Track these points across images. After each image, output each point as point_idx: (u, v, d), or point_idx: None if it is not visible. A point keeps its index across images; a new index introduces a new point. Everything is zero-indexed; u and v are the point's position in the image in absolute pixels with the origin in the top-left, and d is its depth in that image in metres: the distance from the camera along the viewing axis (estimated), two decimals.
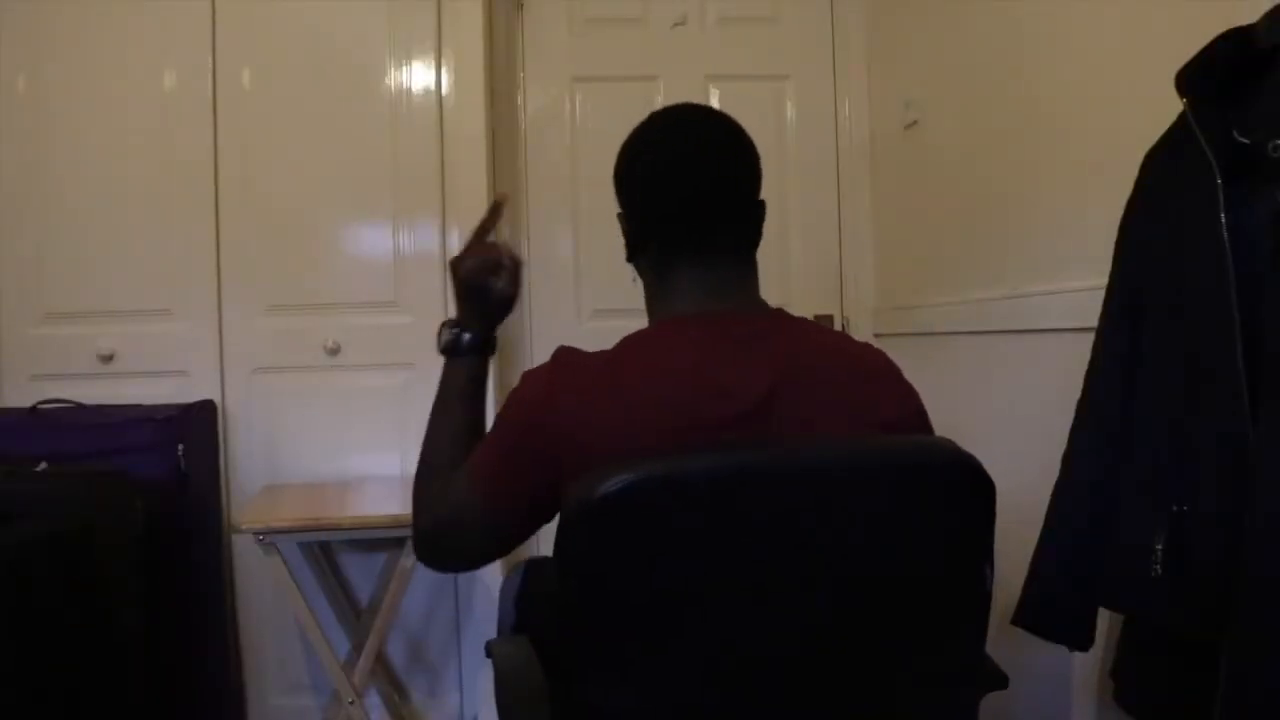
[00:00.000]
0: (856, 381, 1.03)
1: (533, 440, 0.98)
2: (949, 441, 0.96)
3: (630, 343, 1.03)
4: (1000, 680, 1.07)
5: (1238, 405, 1.00)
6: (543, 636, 1.11)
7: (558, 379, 1.00)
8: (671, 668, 0.89)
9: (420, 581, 2.32)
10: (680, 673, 0.89)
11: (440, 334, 1.20)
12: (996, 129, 1.98)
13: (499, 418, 1.04)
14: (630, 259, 1.12)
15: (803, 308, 1.13)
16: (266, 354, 2.36)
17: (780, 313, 1.08)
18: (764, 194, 1.10)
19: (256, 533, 1.90)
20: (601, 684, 0.90)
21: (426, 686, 2.44)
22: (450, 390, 1.17)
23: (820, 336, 1.11)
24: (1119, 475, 1.20)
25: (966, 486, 0.94)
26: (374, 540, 2.26)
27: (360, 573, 2.41)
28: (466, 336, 1.18)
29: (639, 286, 1.13)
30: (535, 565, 1.32)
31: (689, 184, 1.05)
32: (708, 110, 1.12)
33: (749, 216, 1.09)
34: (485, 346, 1.20)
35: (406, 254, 2.40)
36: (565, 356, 1.03)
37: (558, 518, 0.91)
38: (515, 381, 1.05)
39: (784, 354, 1.00)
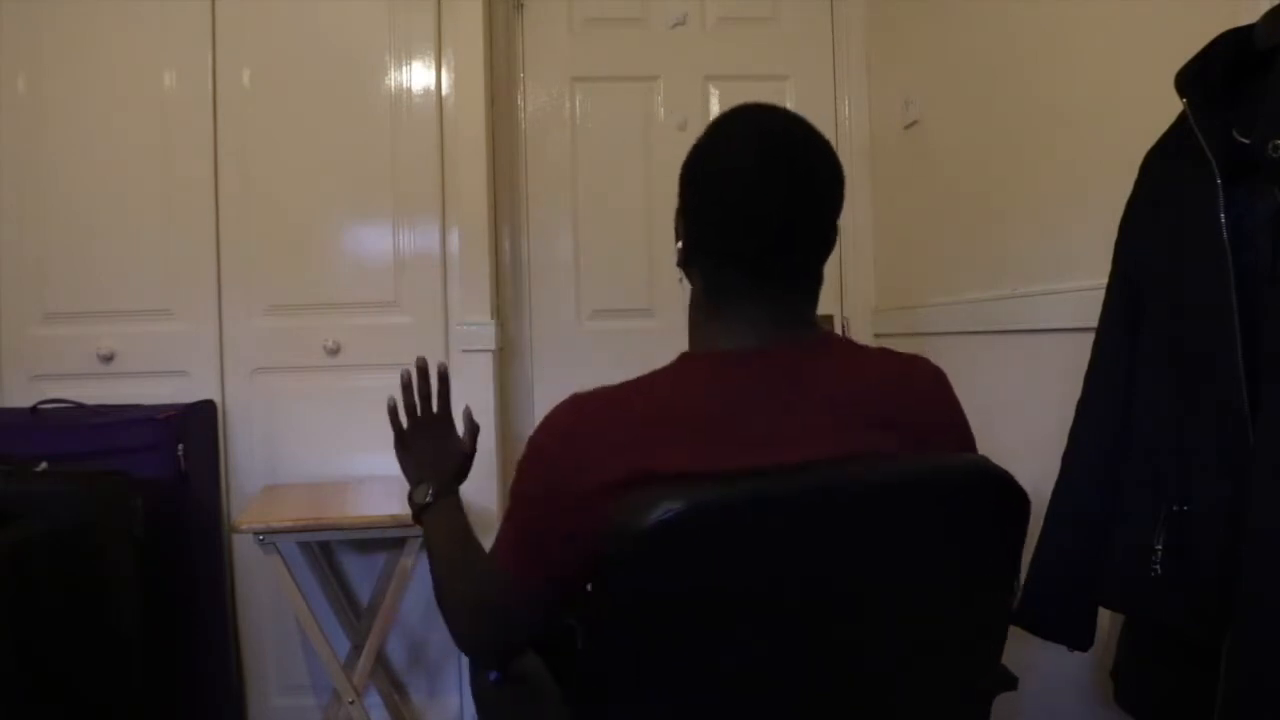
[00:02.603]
0: (904, 413, 0.98)
1: (547, 512, 0.93)
2: (985, 460, 0.96)
3: (658, 388, 0.96)
4: (1010, 681, 1.08)
5: (1238, 405, 1.00)
6: (558, 659, 1.10)
7: (569, 450, 0.93)
8: (711, 687, 0.89)
9: (420, 581, 2.31)
10: (720, 690, 0.89)
11: (410, 503, 1.23)
12: (996, 129, 1.98)
13: (512, 492, 0.99)
14: (682, 264, 1.04)
15: None
16: (266, 354, 2.36)
17: (828, 343, 1.03)
18: None
19: (256, 533, 1.90)
20: (638, 706, 0.89)
21: (426, 686, 2.44)
22: (438, 538, 1.16)
23: (867, 366, 1.03)
24: (1119, 475, 1.20)
25: (1005, 503, 0.94)
26: (374, 540, 2.27)
27: (360, 573, 2.41)
28: (431, 490, 1.20)
29: (685, 288, 1.06)
30: None
31: (774, 209, 0.94)
32: (799, 122, 0.99)
33: (825, 245, 0.99)
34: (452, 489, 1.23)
35: (406, 254, 2.41)
36: (575, 420, 0.95)
37: (600, 547, 0.87)
38: (517, 381, 1.04)
39: (830, 396, 0.95)
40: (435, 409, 1.29)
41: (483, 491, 2.26)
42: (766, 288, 0.97)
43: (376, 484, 2.32)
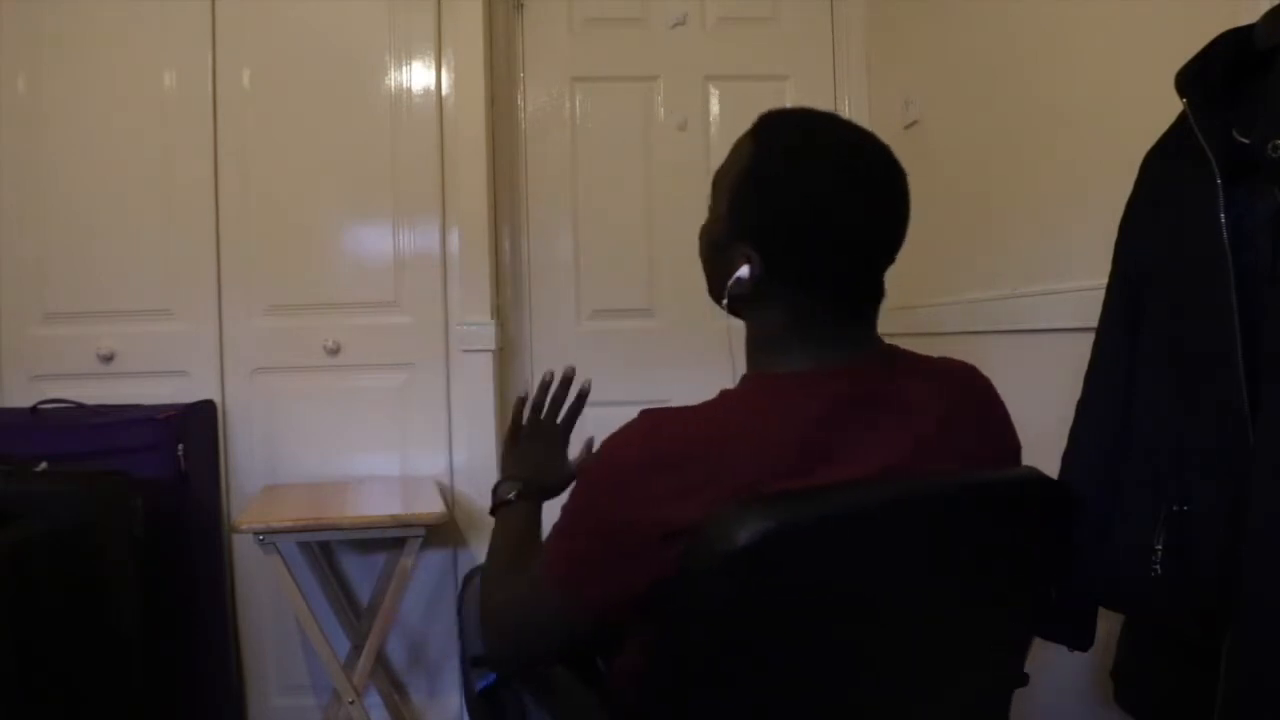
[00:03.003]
0: (970, 428, 1.02)
1: (620, 543, 0.90)
2: (1039, 472, 1.01)
3: (734, 408, 0.95)
4: (1022, 679, 1.11)
5: (1238, 405, 1.00)
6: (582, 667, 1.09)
7: (650, 481, 0.89)
8: (776, 693, 0.90)
9: (420, 581, 2.32)
10: (784, 696, 0.90)
11: (494, 495, 1.24)
12: (997, 128, 1.98)
13: (577, 510, 0.95)
14: (745, 300, 0.98)
15: None
16: (266, 354, 2.36)
17: (899, 357, 1.04)
18: None
19: (256, 533, 1.90)
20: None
21: (426, 686, 2.44)
22: (501, 538, 1.17)
23: (931, 381, 1.04)
24: (1119, 475, 1.20)
25: (1058, 512, 1.01)
26: (374, 540, 2.27)
27: (360, 573, 2.41)
28: (516, 491, 1.21)
29: (730, 328, 1.04)
30: None
31: (874, 237, 0.95)
32: (882, 143, 0.99)
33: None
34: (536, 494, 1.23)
35: (406, 254, 2.41)
36: (658, 448, 0.90)
37: (680, 568, 0.85)
38: (517, 381, 1.04)
39: (909, 412, 0.97)
40: (559, 419, 1.28)
41: (486, 495, 2.26)
42: (846, 307, 0.98)
43: (376, 484, 2.32)
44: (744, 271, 0.96)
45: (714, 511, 0.84)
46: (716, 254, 1.00)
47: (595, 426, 2.89)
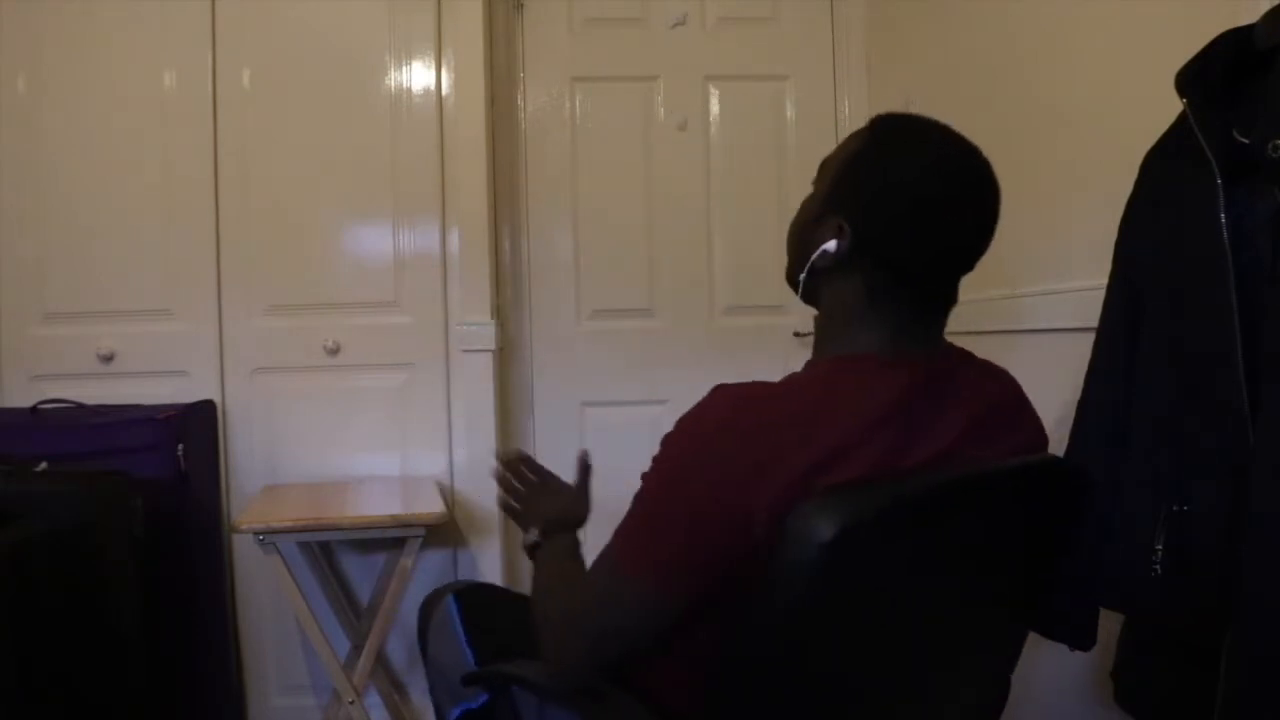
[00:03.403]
0: (1012, 427, 1.08)
1: (691, 520, 0.89)
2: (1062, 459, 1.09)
3: (806, 388, 0.96)
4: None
5: (1237, 405, 1.00)
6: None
7: (716, 449, 0.89)
8: (840, 683, 0.92)
9: (420, 581, 2.32)
10: (843, 685, 0.92)
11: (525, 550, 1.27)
12: (996, 128, 1.97)
13: (650, 492, 0.94)
14: (825, 274, 1.02)
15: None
16: (266, 354, 2.36)
17: (960, 353, 1.09)
18: (763, 195, 1.09)
19: (256, 533, 1.90)
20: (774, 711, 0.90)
21: (426, 686, 2.43)
22: (542, 574, 1.16)
23: (984, 380, 1.10)
24: (1119, 475, 1.20)
25: (1082, 497, 1.08)
26: (374, 540, 2.26)
27: (360, 573, 2.41)
28: (537, 531, 1.25)
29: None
30: (470, 596, 1.37)
31: (972, 244, 1.03)
32: (987, 160, 1.07)
33: None
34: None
35: (406, 254, 2.41)
36: (748, 415, 0.91)
37: (772, 567, 0.85)
38: (517, 381, 1.04)
39: (972, 404, 1.02)
40: (534, 478, 1.36)
41: (486, 494, 2.26)
42: (918, 298, 1.02)
43: (376, 484, 2.32)
44: (831, 245, 0.99)
45: (795, 505, 0.84)
46: (808, 229, 1.04)
47: (597, 426, 2.90)
